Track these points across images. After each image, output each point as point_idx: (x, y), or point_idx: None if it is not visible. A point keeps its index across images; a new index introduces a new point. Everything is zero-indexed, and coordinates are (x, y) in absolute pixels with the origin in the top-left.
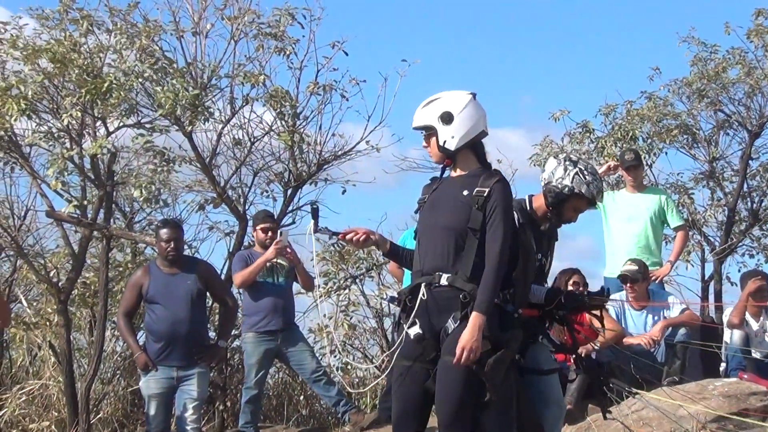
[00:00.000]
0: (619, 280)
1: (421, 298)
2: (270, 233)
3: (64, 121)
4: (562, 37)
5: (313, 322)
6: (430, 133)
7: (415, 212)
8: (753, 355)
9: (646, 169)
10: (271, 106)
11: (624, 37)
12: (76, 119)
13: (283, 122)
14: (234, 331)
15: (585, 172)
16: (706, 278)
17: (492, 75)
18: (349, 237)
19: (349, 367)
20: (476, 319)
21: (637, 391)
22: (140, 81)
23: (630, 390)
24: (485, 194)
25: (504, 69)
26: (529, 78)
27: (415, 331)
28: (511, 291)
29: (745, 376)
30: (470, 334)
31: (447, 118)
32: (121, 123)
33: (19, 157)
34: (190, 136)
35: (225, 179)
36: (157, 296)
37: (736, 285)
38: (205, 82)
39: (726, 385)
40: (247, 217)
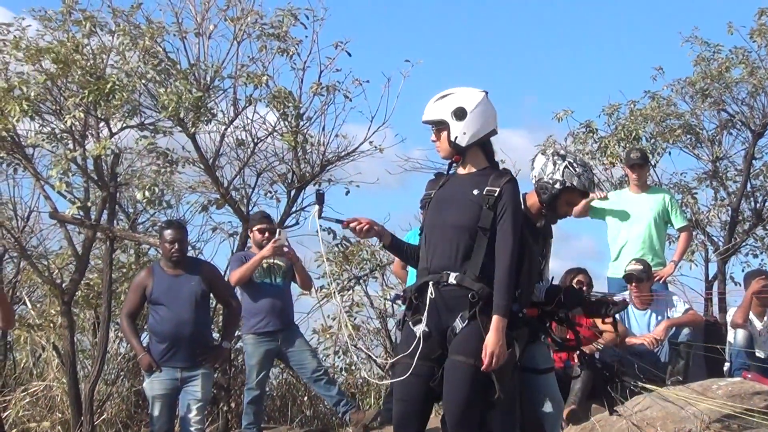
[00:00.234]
0: (624, 279)
1: (429, 297)
2: (267, 234)
3: (67, 123)
4: (565, 37)
5: (317, 322)
6: (441, 127)
7: (421, 208)
8: (757, 354)
9: (649, 170)
10: (274, 107)
11: (627, 37)
12: (79, 120)
13: (287, 123)
14: (237, 332)
15: (574, 165)
16: (709, 278)
17: (495, 75)
18: (352, 225)
19: (353, 368)
20: (499, 322)
21: (652, 387)
22: (143, 82)
23: (641, 386)
24: (496, 194)
25: (507, 69)
26: (533, 78)
27: (422, 328)
28: (518, 291)
29: (749, 376)
30: (495, 339)
31: (460, 114)
32: (125, 124)
33: (22, 158)
34: (193, 137)
35: (228, 180)
36: (161, 297)
37: (739, 285)
38: (208, 83)
39: (730, 385)
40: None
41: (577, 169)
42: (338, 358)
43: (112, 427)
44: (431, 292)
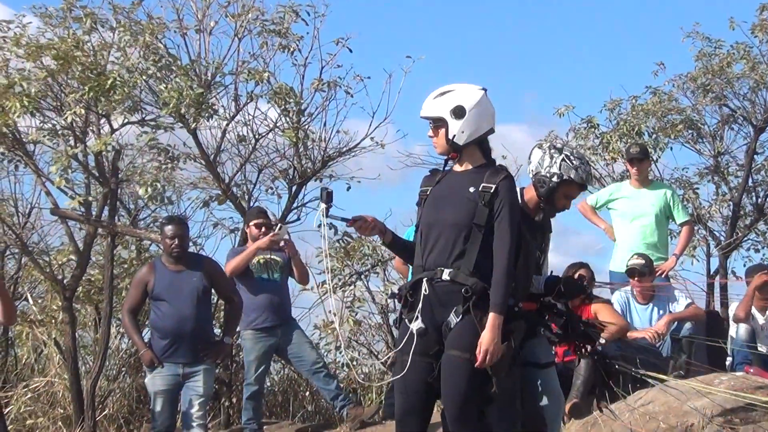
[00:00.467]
0: (627, 274)
1: (423, 293)
2: (264, 229)
3: (67, 119)
4: (566, 33)
5: (318, 318)
6: (439, 124)
7: (417, 204)
8: (759, 349)
9: (651, 165)
10: (276, 103)
11: (628, 33)
12: (80, 117)
13: (288, 119)
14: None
15: (571, 158)
16: (711, 273)
17: (497, 71)
18: (358, 224)
19: (354, 363)
20: (494, 319)
21: (656, 376)
22: (144, 78)
23: (643, 373)
24: (492, 191)
25: (508, 65)
26: (534, 74)
27: (418, 325)
28: (513, 285)
29: (751, 370)
30: (491, 336)
31: (459, 113)
32: (126, 120)
33: (23, 154)
34: (194, 133)
35: (229, 176)
36: (162, 293)
37: (741, 279)
38: (209, 80)
39: (732, 380)
40: None
41: (574, 162)
42: (339, 353)
43: (114, 423)
44: (425, 289)
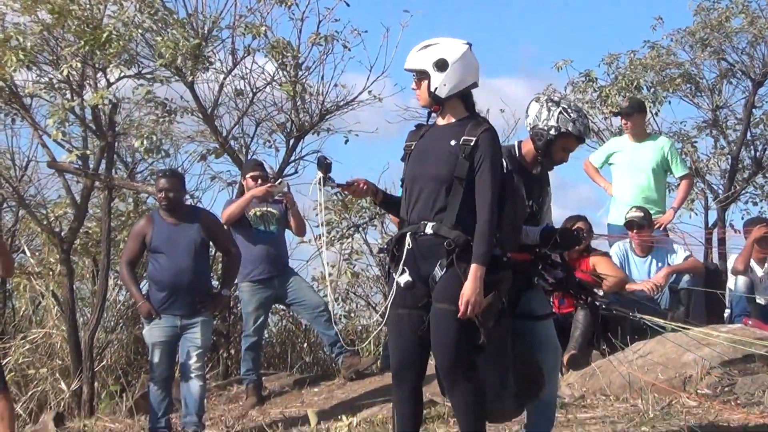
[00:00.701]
0: (625, 226)
1: (407, 247)
2: (260, 181)
3: (63, 72)
4: None
5: (316, 270)
6: (422, 77)
7: (401, 159)
8: (757, 301)
9: (649, 118)
10: (273, 57)
11: None
12: (76, 70)
13: (285, 73)
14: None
15: (569, 110)
16: (709, 226)
17: (494, 24)
18: (353, 187)
19: (352, 315)
20: (476, 270)
21: (676, 325)
22: (140, 32)
23: (640, 316)
24: (472, 143)
25: (506, 18)
26: (532, 27)
27: (405, 279)
28: (498, 236)
29: (750, 322)
30: (472, 287)
31: (441, 66)
32: (122, 74)
33: (20, 108)
34: (191, 87)
35: (227, 130)
36: (160, 246)
37: (739, 232)
38: (206, 34)
39: (730, 332)
40: None
41: (572, 115)
42: (338, 305)
43: (112, 374)
44: (408, 243)
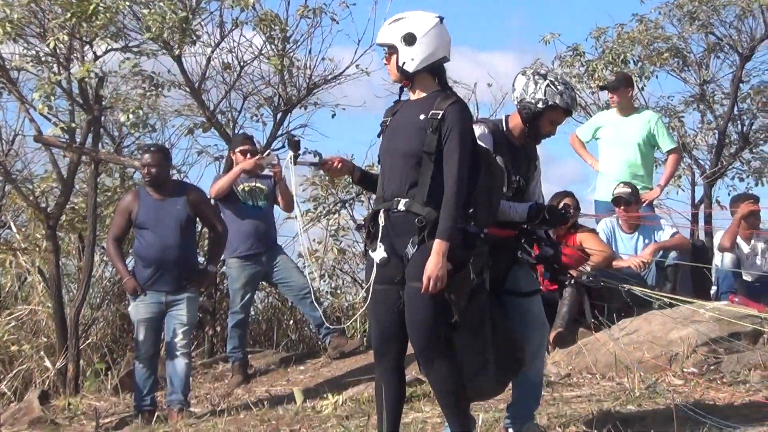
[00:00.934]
0: (612, 203)
1: (381, 225)
2: (249, 156)
3: (50, 45)
4: None
5: (302, 246)
6: (391, 51)
7: (377, 136)
8: (744, 278)
9: (636, 93)
10: (261, 30)
11: None
12: (63, 43)
13: (273, 46)
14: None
15: (556, 83)
16: (695, 202)
17: None
18: (327, 165)
19: (338, 292)
20: (439, 246)
21: (662, 295)
22: (127, 4)
23: (629, 288)
24: (439, 116)
25: None
26: (519, 0)
27: (381, 255)
28: (472, 211)
29: (736, 300)
30: (435, 263)
31: (409, 40)
32: (109, 47)
33: (6, 81)
34: (179, 60)
35: (214, 104)
36: (146, 222)
37: (725, 208)
38: (194, 6)
39: (717, 309)
40: None
41: (559, 87)
42: (324, 281)
43: (98, 352)
44: (381, 220)
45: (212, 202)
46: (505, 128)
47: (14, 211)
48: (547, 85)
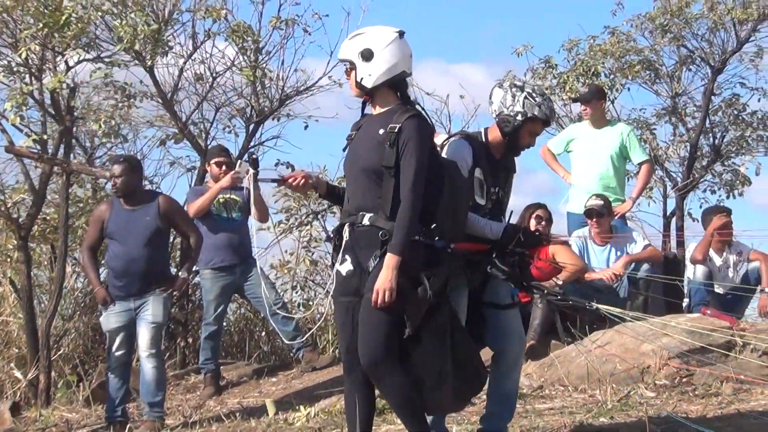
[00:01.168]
0: (585, 215)
1: (345, 238)
2: (224, 168)
3: (22, 55)
4: None
5: (274, 258)
6: (351, 67)
7: (343, 150)
8: (716, 290)
9: (608, 105)
10: (233, 41)
11: None
12: (36, 54)
13: (246, 57)
14: (195, 267)
15: (534, 95)
16: (668, 214)
17: (453, 9)
18: (289, 182)
19: (310, 303)
20: (390, 260)
21: (634, 314)
22: (99, 14)
23: (598, 307)
24: (396, 130)
25: (465, 2)
26: (491, 12)
27: (347, 268)
28: (434, 226)
29: (708, 312)
30: (385, 276)
31: (367, 55)
32: (81, 57)
33: None
34: (151, 71)
35: (187, 115)
36: (114, 232)
37: (697, 221)
38: (166, 17)
39: (689, 321)
40: None
41: (537, 99)
42: (296, 293)
43: (69, 363)
44: (346, 234)
45: (185, 209)
46: (484, 140)
47: None
48: (525, 98)
